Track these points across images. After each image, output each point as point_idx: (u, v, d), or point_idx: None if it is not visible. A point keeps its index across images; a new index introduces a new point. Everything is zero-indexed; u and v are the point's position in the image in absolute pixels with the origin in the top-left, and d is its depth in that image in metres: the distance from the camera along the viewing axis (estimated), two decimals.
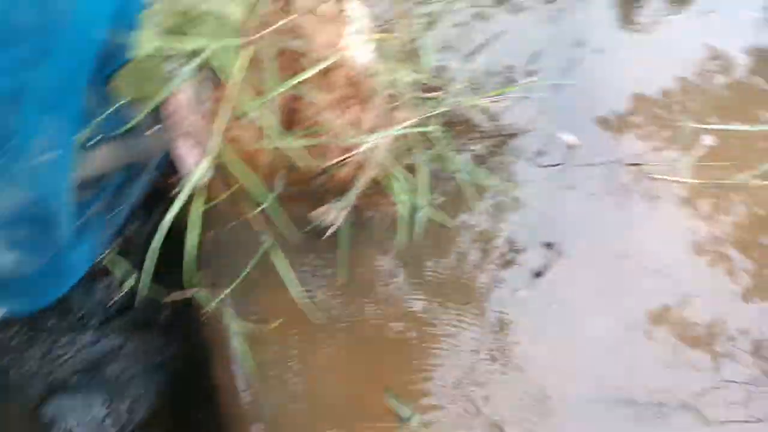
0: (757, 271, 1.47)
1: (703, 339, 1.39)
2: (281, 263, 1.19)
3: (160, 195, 1.42)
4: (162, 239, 1.13)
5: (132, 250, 1.50)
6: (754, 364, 1.35)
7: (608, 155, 1.53)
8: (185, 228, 1.23)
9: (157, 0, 1.07)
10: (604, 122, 1.58)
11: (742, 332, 1.40)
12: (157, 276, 1.22)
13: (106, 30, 0.90)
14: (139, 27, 1.03)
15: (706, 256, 1.47)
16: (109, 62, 1.05)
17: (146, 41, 1.02)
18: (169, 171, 1.36)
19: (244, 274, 1.24)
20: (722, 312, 1.41)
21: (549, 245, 1.43)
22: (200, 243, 1.26)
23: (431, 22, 1.52)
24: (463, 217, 1.43)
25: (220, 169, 1.29)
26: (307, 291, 1.27)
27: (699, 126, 1.50)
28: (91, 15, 0.85)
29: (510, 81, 1.55)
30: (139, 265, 1.53)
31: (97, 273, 1.46)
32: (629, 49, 1.70)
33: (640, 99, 1.62)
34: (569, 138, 1.41)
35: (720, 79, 1.67)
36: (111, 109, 1.13)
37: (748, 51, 1.72)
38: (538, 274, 1.40)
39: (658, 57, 1.70)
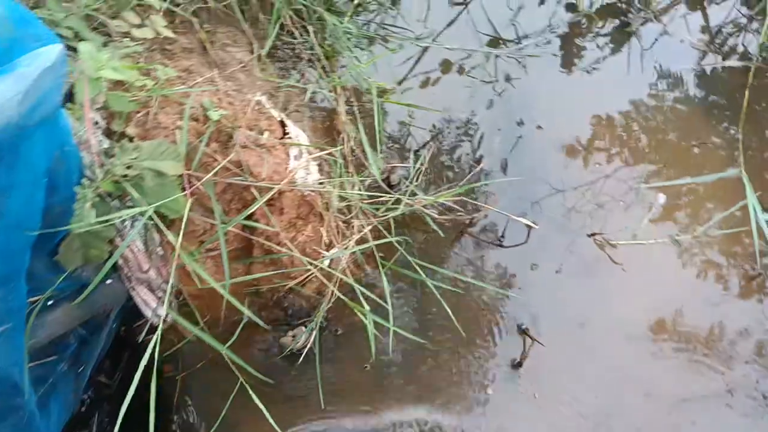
0: (723, 325, 1.48)
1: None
2: (257, 400, 1.16)
3: (126, 342, 1.40)
4: (130, 399, 1.10)
5: (104, 400, 1.46)
6: None
7: (567, 229, 1.54)
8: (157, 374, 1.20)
9: (93, 166, 1.07)
10: (558, 196, 1.59)
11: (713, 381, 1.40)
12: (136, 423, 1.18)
13: (40, 220, 0.90)
14: (76, 199, 1.02)
15: (676, 315, 1.48)
16: (52, 236, 1.04)
17: (85, 212, 1.02)
18: (131, 318, 1.34)
19: (220, 418, 1.22)
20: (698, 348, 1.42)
21: (524, 331, 1.42)
22: (174, 386, 1.23)
23: (372, 127, 1.54)
24: (432, 319, 1.42)
25: (184, 308, 1.28)
26: (289, 423, 1.25)
27: (651, 185, 1.52)
28: (23, 211, 0.85)
29: (459, 172, 1.57)
30: (113, 415, 1.49)
31: (72, 427, 1.41)
32: (570, 113, 1.72)
33: (589, 166, 1.64)
34: (526, 221, 1.42)
35: (662, 131, 1.70)
36: (61, 278, 1.11)
37: (683, 100, 1.76)
38: (517, 365, 1.39)
39: (598, 116, 1.72)
